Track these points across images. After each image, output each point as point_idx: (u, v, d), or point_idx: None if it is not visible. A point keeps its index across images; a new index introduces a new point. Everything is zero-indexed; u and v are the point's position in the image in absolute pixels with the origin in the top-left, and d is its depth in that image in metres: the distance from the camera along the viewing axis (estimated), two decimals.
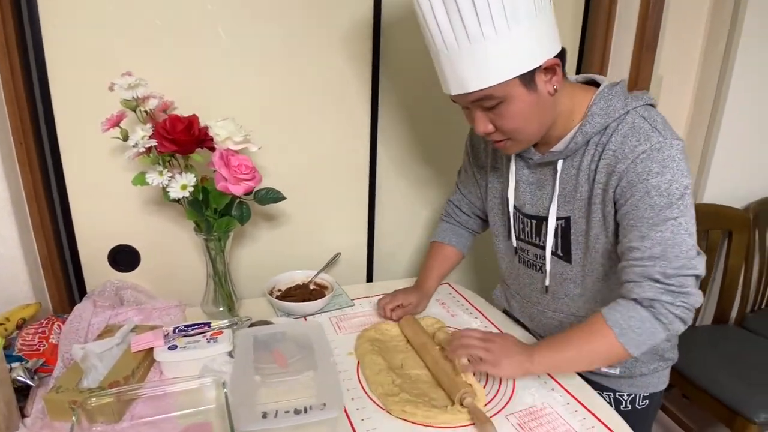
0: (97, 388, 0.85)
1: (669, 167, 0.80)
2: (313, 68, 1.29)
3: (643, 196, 0.81)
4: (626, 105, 0.85)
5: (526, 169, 1.00)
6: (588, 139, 0.88)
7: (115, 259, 1.24)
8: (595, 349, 0.86)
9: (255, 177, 1.02)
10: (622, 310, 0.84)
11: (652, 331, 0.82)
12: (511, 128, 0.86)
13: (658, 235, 0.81)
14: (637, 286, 0.83)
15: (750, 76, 1.71)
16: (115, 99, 0.99)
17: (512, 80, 0.79)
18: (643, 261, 0.82)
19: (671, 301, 0.81)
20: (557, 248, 0.99)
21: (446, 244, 1.25)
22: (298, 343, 1.00)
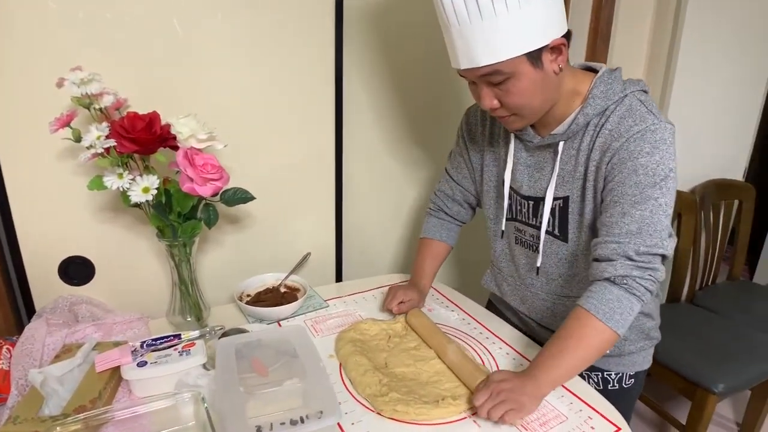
0: (60, 415, 0.77)
1: (659, 149, 0.83)
2: (274, 62, 1.23)
3: (630, 173, 0.85)
4: (625, 89, 0.89)
5: (524, 152, 1.02)
6: (588, 121, 0.91)
7: (67, 271, 1.14)
8: (590, 344, 0.87)
9: (223, 177, 0.96)
10: (597, 294, 0.87)
11: (629, 306, 0.86)
12: (516, 104, 0.88)
13: (638, 213, 0.85)
14: (610, 265, 0.87)
15: (693, 70, 1.80)
16: (61, 97, 0.91)
17: (520, 57, 0.82)
18: (620, 237, 0.86)
19: (641, 275, 0.85)
20: (554, 228, 1.01)
21: (436, 240, 1.25)
22: (277, 349, 0.95)
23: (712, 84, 1.91)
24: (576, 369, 0.90)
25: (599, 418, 0.87)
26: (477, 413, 0.85)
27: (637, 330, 1.06)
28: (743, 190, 2.11)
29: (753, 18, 1.90)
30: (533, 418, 0.86)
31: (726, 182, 2.08)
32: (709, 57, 1.84)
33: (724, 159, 2.12)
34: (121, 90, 0.98)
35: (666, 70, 1.76)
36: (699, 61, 1.80)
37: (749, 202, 2.11)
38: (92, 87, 0.87)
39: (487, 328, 1.15)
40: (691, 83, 1.83)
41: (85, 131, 0.89)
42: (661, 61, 1.77)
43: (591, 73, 0.94)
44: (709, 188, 1.99)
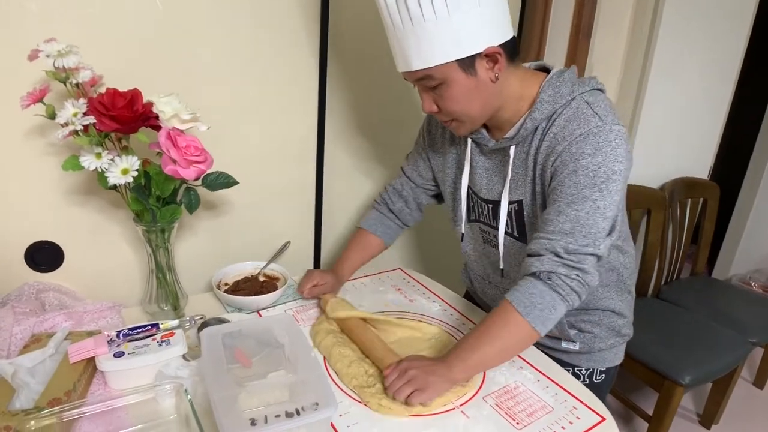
0: (33, 408, 0.72)
1: (602, 150, 0.82)
2: (256, 46, 1.19)
3: (570, 174, 0.84)
4: (573, 91, 0.87)
5: (482, 156, 1.02)
6: (537, 126, 0.90)
7: (34, 257, 1.07)
8: (507, 337, 0.87)
9: (207, 159, 0.92)
10: (522, 288, 0.87)
11: (552, 303, 0.85)
12: (451, 110, 0.88)
13: (573, 212, 0.84)
14: (537, 260, 0.86)
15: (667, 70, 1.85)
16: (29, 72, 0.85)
17: (451, 64, 0.81)
18: (553, 234, 0.85)
19: (566, 273, 0.84)
20: (513, 230, 1.01)
21: (371, 234, 1.23)
22: (258, 339, 0.92)
23: (683, 85, 1.96)
24: (492, 359, 0.89)
25: (584, 408, 0.88)
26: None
27: (606, 328, 1.07)
28: (708, 188, 2.18)
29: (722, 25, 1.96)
30: (520, 409, 0.87)
31: (693, 180, 2.14)
32: (682, 58, 1.89)
33: (691, 158, 2.19)
34: (96, 66, 0.93)
35: (641, 72, 1.80)
36: (672, 65, 1.85)
37: (714, 200, 2.18)
38: (69, 60, 0.81)
39: (469, 319, 1.15)
40: (665, 83, 1.87)
41: (59, 107, 0.84)
42: (638, 60, 1.81)
43: (543, 74, 0.92)
44: (677, 186, 2.05)
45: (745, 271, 2.61)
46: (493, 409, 0.87)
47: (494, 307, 0.90)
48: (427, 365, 0.85)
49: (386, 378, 0.85)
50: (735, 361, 1.73)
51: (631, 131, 1.91)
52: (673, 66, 1.86)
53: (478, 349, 0.87)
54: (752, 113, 2.62)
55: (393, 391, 0.83)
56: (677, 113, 2.00)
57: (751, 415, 2.10)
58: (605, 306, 1.05)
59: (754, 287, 2.48)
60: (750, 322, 1.90)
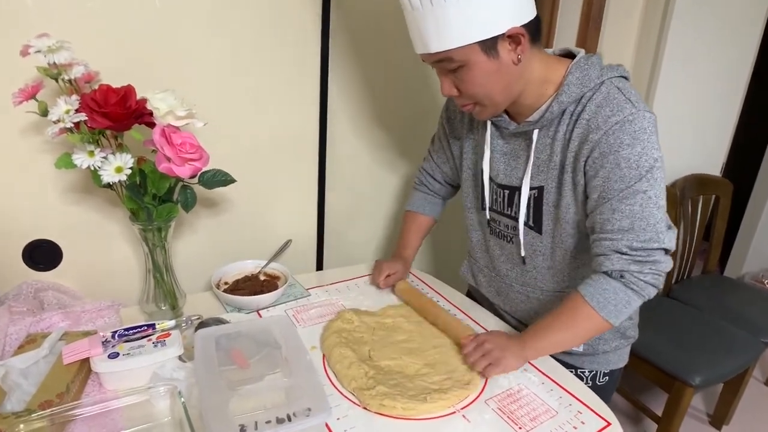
0: (24, 410, 0.71)
1: (640, 139, 0.80)
2: (256, 40, 1.17)
3: (614, 168, 0.82)
4: (601, 75, 0.85)
5: (500, 140, 1.00)
6: (564, 109, 0.88)
7: (32, 256, 1.07)
8: (579, 326, 0.90)
9: (202, 157, 0.91)
10: (595, 284, 0.88)
11: (626, 300, 0.86)
12: (472, 93, 0.86)
13: (627, 208, 0.83)
14: (606, 259, 0.86)
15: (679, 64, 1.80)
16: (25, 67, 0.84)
17: (472, 46, 0.79)
18: (613, 234, 0.85)
19: (639, 269, 0.84)
20: (528, 218, 0.99)
21: (420, 213, 1.28)
22: (258, 340, 0.91)
23: (695, 79, 1.92)
24: (563, 344, 0.94)
25: (589, 412, 0.86)
26: None
27: (612, 330, 1.03)
28: (721, 185, 2.13)
29: (736, 16, 1.91)
30: (523, 413, 0.84)
31: (705, 177, 2.10)
32: (695, 51, 1.84)
33: (703, 154, 2.14)
34: (92, 63, 0.91)
35: (654, 59, 1.76)
36: (684, 56, 1.81)
37: (726, 197, 2.13)
38: (61, 56, 0.80)
39: (472, 318, 1.13)
40: (677, 77, 1.83)
41: (52, 104, 0.82)
42: (649, 51, 1.76)
43: (567, 59, 0.90)
44: (689, 183, 2.01)
45: (758, 269, 2.57)
46: (495, 413, 0.84)
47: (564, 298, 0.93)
48: (503, 341, 0.91)
49: (463, 347, 0.93)
50: (747, 361, 1.70)
51: None
52: (686, 59, 1.82)
53: (551, 335, 0.91)
54: (766, 109, 2.57)
55: (470, 362, 0.90)
56: (689, 108, 1.96)
57: (763, 416, 2.06)
58: None
59: (767, 285, 2.43)
60: (763, 322, 1.85)
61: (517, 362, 0.92)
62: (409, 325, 1.06)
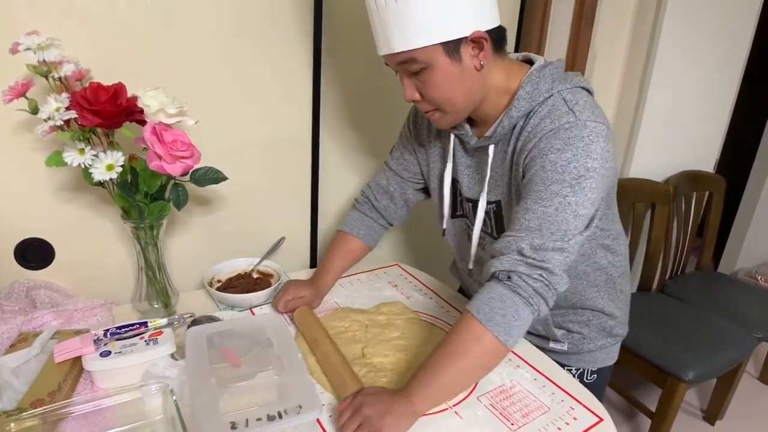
0: (15, 409, 0.71)
1: (573, 146, 0.77)
2: (249, 37, 1.17)
3: (538, 170, 0.80)
4: (552, 88, 0.83)
5: (463, 152, 0.99)
6: (514, 124, 0.86)
7: (24, 254, 1.06)
8: (470, 353, 0.78)
9: (194, 155, 0.90)
10: (481, 294, 0.80)
11: (515, 309, 0.77)
12: (435, 97, 0.84)
13: (540, 209, 0.79)
14: (497, 259, 0.80)
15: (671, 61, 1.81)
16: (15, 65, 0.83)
17: (435, 47, 0.78)
18: (518, 232, 0.80)
19: (528, 272, 0.77)
20: (492, 230, 0.98)
21: (354, 237, 1.16)
22: (250, 338, 0.91)
23: (688, 76, 1.92)
24: (457, 382, 0.81)
25: (581, 408, 0.86)
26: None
27: (596, 328, 1.04)
28: (714, 181, 2.14)
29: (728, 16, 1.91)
30: (516, 409, 0.85)
31: (698, 174, 2.10)
32: (687, 48, 1.85)
33: (696, 151, 2.15)
34: (83, 60, 0.91)
35: (646, 58, 1.76)
36: (677, 55, 1.81)
37: (719, 194, 2.14)
38: (50, 53, 0.79)
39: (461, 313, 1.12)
40: (670, 74, 1.83)
41: (43, 102, 0.82)
42: (642, 50, 1.77)
43: (528, 67, 0.88)
44: (683, 179, 2.02)
45: (752, 265, 2.58)
46: (487, 410, 0.85)
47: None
48: (384, 403, 0.76)
49: (339, 416, 0.76)
50: (740, 356, 1.71)
51: (635, 123, 1.87)
52: (679, 56, 1.82)
53: (441, 373, 0.78)
54: (759, 105, 2.58)
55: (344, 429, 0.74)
56: (682, 105, 1.97)
57: (756, 411, 2.07)
58: (594, 306, 1.01)
59: (760, 281, 2.45)
60: (756, 317, 1.87)
61: (403, 423, 0.77)
62: (401, 323, 1.06)
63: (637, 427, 1.95)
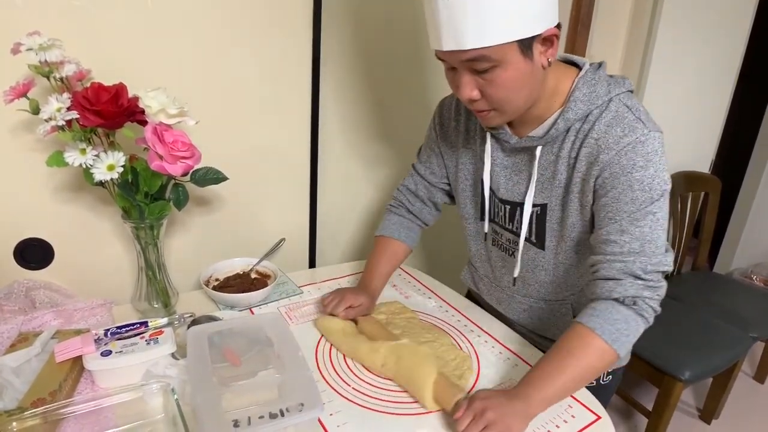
0: (16, 409, 0.71)
1: (653, 161, 0.78)
2: (249, 38, 1.17)
3: (625, 189, 0.80)
4: (609, 91, 0.82)
5: (501, 152, 0.96)
6: (569, 126, 0.85)
7: (23, 254, 1.06)
8: (590, 365, 0.81)
9: (194, 155, 0.91)
10: (603, 314, 0.82)
11: (636, 328, 0.82)
12: (499, 97, 0.80)
13: (637, 230, 0.80)
14: (618, 284, 0.82)
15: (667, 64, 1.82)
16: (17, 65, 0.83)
17: (511, 44, 0.74)
18: (623, 256, 0.81)
19: (650, 296, 0.82)
20: (531, 235, 0.97)
21: (395, 240, 1.14)
22: (250, 338, 0.91)
23: (684, 77, 1.94)
24: (570, 389, 0.84)
25: (579, 406, 0.87)
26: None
27: None
28: (710, 182, 2.15)
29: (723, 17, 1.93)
30: None
31: (694, 174, 2.12)
32: (683, 50, 1.86)
33: (692, 152, 2.17)
34: (84, 61, 0.91)
35: (642, 60, 1.77)
36: (673, 57, 1.83)
37: (715, 194, 2.16)
38: (52, 54, 0.80)
39: (464, 315, 1.13)
40: (666, 76, 1.85)
41: (44, 102, 0.82)
42: (638, 52, 1.78)
43: (572, 68, 0.87)
44: (679, 180, 2.03)
45: (747, 265, 2.59)
46: None
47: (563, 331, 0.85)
48: (504, 404, 0.77)
49: (459, 422, 0.75)
50: (735, 356, 1.72)
51: None
52: (674, 58, 1.83)
53: (558, 380, 0.80)
54: (754, 106, 2.59)
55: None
56: (678, 106, 1.98)
57: (752, 410, 2.08)
58: None
59: (755, 281, 2.46)
60: (751, 317, 1.88)
61: (525, 423, 0.78)
62: (400, 322, 1.07)
63: (633, 426, 1.96)
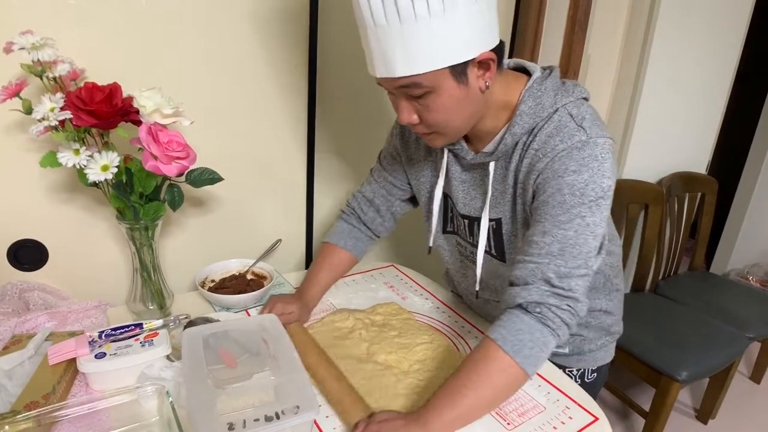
0: (9, 412, 0.70)
1: (588, 166, 0.76)
2: (246, 39, 1.17)
3: (554, 192, 0.77)
4: (555, 102, 0.80)
5: (459, 167, 0.95)
6: (517, 141, 0.83)
7: (17, 256, 1.05)
8: (494, 383, 0.76)
9: (189, 155, 0.90)
10: (507, 324, 0.78)
11: (543, 341, 0.77)
12: (437, 121, 0.79)
13: (560, 232, 0.77)
14: (523, 289, 0.79)
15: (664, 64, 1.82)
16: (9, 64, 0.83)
17: (442, 70, 0.72)
18: (540, 257, 0.78)
19: (557, 304, 0.77)
20: (491, 248, 0.96)
21: (340, 248, 1.13)
22: (246, 339, 0.90)
23: (681, 79, 1.94)
24: (476, 410, 0.78)
25: (576, 408, 0.87)
26: None
27: (596, 328, 1.04)
28: (706, 183, 2.16)
29: (720, 19, 1.93)
30: (511, 409, 0.85)
31: (690, 175, 2.12)
32: (680, 52, 1.86)
33: (688, 152, 2.17)
34: (77, 60, 0.90)
35: (639, 61, 1.77)
36: (669, 58, 1.82)
37: (711, 195, 2.16)
38: (45, 53, 0.79)
39: (462, 317, 1.13)
40: (663, 77, 1.85)
41: (37, 102, 0.81)
42: (635, 53, 1.78)
43: (523, 77, 0.85)
44: (675, 180, 2.03)
45: (743, 266, 2.60)
46: None
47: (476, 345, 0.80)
48: (399, 428, 0.73)
49: None
50: (732, 356, 1.72)
51: (628, 125, 1.88)
52: (671, 59, 1.83)
53: (459, 402, 0.75)
54: (750, 108, 2.60)
55: None
56: (675, 107, 1.98)
57: (748, 410, 2.09)
58: (593, 307, 1.01)
59: (751, 282, 2.47)
60: (747, 317, 1.88)
61: None
62: (397, 323, 1.06)
63: (630, 426, 1.96)
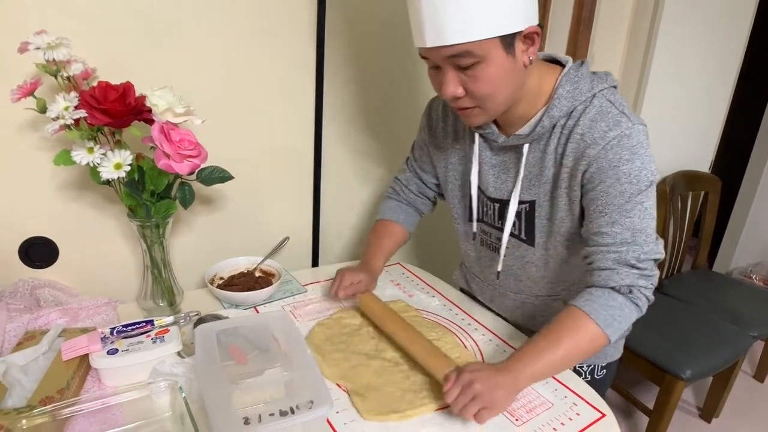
0: (25, 407, 0.72)
1: (638, 154, 0.81)
2: (254, 39, 1.17)
3: (613, 182, 0.82)
4: (592, 87, 0.84)
5: (489, 151, 0.97)
6: (554, 123, 0.86)
7: (28, 253, 1.06)
8: (580, 347, 0.85)
9: (201, 154, 0.91)
10: (599, 300, 0.85)
11: (629, 316, 0.85)
12: (483, 93, 0.80)
13: (627, 221, 0.83)
14: (614, 273, 0.84)
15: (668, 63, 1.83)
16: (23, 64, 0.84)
17: (494, 40, 0.75)
18: (616, 246, 0.84)
19: (645, 285, 0.85)
20: (520, 232, 0.98)
21: (393, 222, 1.18)
22: (256, 336, 0.91)
23: (684, 77, 1.94)
24: (558, 368, 0.87)
25: (584, 404, 0.87)
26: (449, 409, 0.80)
27: None
28: (710, 181, 2.16)
29: (724, 18, 1.94)
30: (519, 405, 0.86)
31: (694, 174, 2.12)
32: (683, 50, 1.87)
33: (692, 151, 2.17)
34: (90, 60, 0.91)
35: (644, 60, 1.78)
36: (673, 57, 1.83)
37: (715, 193, 2.17)
38: (60, 53, 0.80)
39: (468, 314, 1.13)
40: (666, 75, 1.86)
41: (51, 101, 0.82)
42: (639, 52, 1.78)
43: (556, 66, 0.88)
44: (678, 179, 2.04)
45: (746, 265, 2.60)
46: None
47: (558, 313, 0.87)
48: (491, 376, 0.78)
49: (448, 394, 0.78)
50: (736, 354, 1.72)
51: None
52: (675, 58, 1.84)
53: (547, 357, 0.83)
54: (754, 106, 2.60)
55: (458, 409, 0.77)
56: (678, 106, 1.99)
57: (752, 409, 2.09)
58: None
59: (755, 280, 2.47)
60: (751, 316, 1.89)
61: (511, 398, 0.81)
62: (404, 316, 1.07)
63: (634, 424, 1.97)
